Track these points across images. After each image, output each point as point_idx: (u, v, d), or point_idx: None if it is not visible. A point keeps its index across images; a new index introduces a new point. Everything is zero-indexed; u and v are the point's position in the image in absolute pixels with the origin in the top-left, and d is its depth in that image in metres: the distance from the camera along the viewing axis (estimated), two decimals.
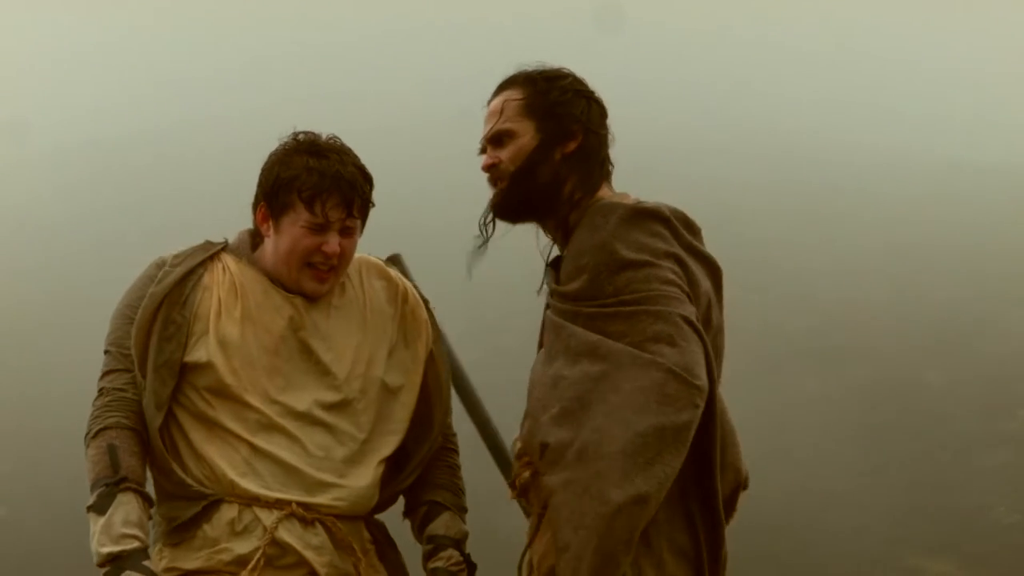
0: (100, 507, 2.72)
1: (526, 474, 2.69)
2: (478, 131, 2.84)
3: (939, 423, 9.39)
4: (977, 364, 9.96)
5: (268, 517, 2.79)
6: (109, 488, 2.74)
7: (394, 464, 2.98)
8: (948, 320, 10.60)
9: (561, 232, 2.77)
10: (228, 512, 2.79)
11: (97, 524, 2.72)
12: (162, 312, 2.83)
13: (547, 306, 2.77)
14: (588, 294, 2.62)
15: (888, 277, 11.21)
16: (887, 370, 9.97)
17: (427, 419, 3.01)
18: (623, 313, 2.57)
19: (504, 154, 2.75)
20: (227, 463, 2.81)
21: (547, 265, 2.83)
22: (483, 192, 2.82)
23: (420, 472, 2.99)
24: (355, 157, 2.89)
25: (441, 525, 2.97)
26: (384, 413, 2.95)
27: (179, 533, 2.81)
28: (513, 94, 2.76)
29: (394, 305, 3.02)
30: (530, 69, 2.80)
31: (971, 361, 10.02)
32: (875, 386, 9.76)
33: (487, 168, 2.78)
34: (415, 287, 3.09)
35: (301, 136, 2.90)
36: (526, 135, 2.74)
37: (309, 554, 2.80)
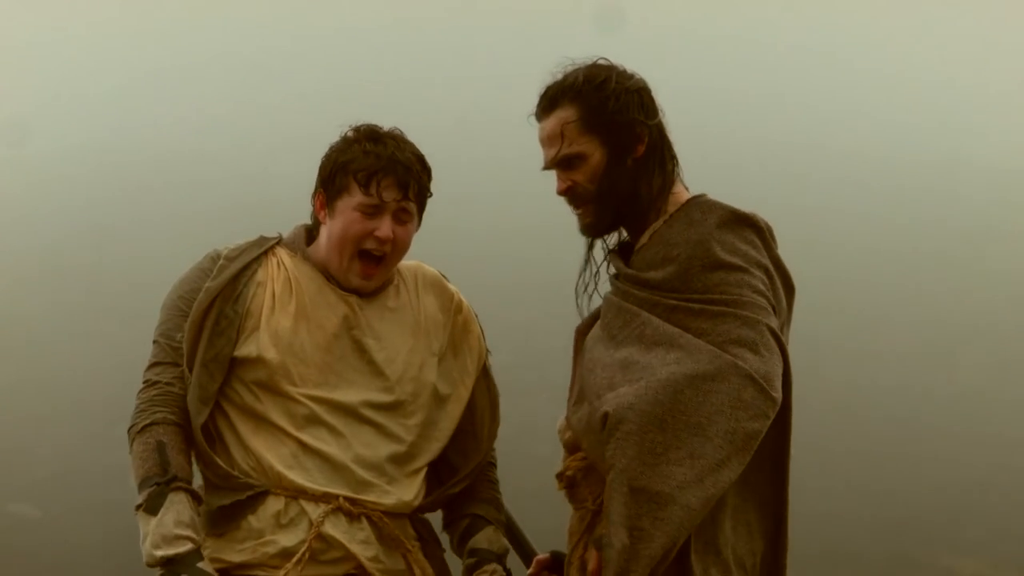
0: (151, 507, 2.71)
1: (574, 466, 2.68)
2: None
3: (973, 423, 9.34)
4: (1012, 365, 9.91)
5: (314, 510, 2.78)
6: (160, 487, 2.72)
7: (437, 475, 2.98)
8: (983, 321, 10.54)
9: (635, 223, 2.75)
10: (274, 504, 2.79)
11: (149, 525, 2.70)
12: (215, 307, 2.83)
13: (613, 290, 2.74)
14: (672, 285, 2.61)
15: (922, 275, 11.16)
16: (919, 370, 9.92)
17: (475, 434, 3.01)
18: (708, 311, 2.55)
19: (578, 176, 2.71)
20: (274, 455, 2.80)
21: (610, 251, 2.80)
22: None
23: (466, 484, 2.99)
24: (414, 147, 2.89)
25: (484, 539, 2.96)
26: (432, 419, 2.94)
27: (223, 523, 2.80)
28: (567, 114, 2.70)
29: (446, 314, 3.01)
30: (571, 75, 2.73)
31: (1006, 362, 9.96)
32: (908, 385, 9.71)
33: (563, 192, 2.75)
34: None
35: (361, 127, 2.90)
36: (595, 153, 2.70)
37: (355, 548, 2.80)
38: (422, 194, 2.88)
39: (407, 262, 3.00)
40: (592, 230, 2.77)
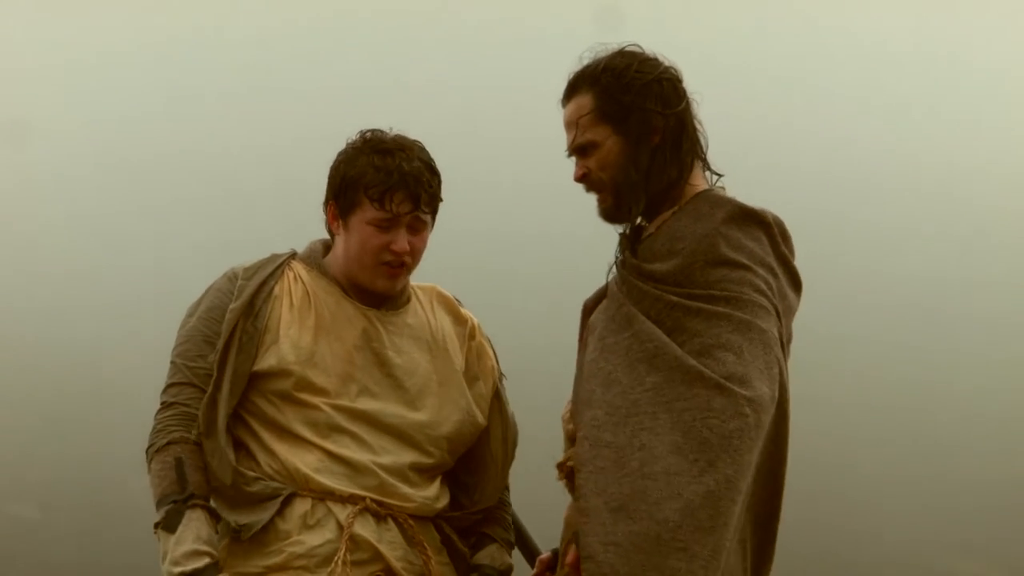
0: (170, 525, 2.75)
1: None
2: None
3: (968, 424, 9.34)
4: (1008, 366, 9.90)
5: (342, 511, 2.82)
6: (177, 505, 2.76)
7: (455, 496, 3.02)
8: (983, 322, 10.54)
9: (649, 212, 2.74)
10: (301, 506, 2.82)
11: (168, 543, 2.74)
12: (239, 327, 2.87)
13: (619, 277, 2.74)
14: (675, 279, 2.61)
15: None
16: (919, 374, 9.92)
17: (492, 457, 3.05)
18: (705, 312, 2.55)
19: (591, 163, 2.72)
20: (299, 460, 2.83)
21: (621, 235, 2.79)
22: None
23: (487, 506, 3.04)
24: (421, 152, 2.93)
25: (487, 556, 3.01)
26: (452, 433, 2.98)
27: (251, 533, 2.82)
28: (583, 102, 2.72)
29: (461, 340, 3.06)
30: (592, 63, 2.73)
31: (1002, 363, 9.96)
32: (919, 388, 9.70)
33: (579, 179, 2.76)
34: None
35: (368, 134, 2.94)
36: (607, 141, 2.70)
37: (383, 548, 2.84)
38: (433, 201, 2.92)
39: (422, 284, 3.07)
40: (607, 216, 2.76)
